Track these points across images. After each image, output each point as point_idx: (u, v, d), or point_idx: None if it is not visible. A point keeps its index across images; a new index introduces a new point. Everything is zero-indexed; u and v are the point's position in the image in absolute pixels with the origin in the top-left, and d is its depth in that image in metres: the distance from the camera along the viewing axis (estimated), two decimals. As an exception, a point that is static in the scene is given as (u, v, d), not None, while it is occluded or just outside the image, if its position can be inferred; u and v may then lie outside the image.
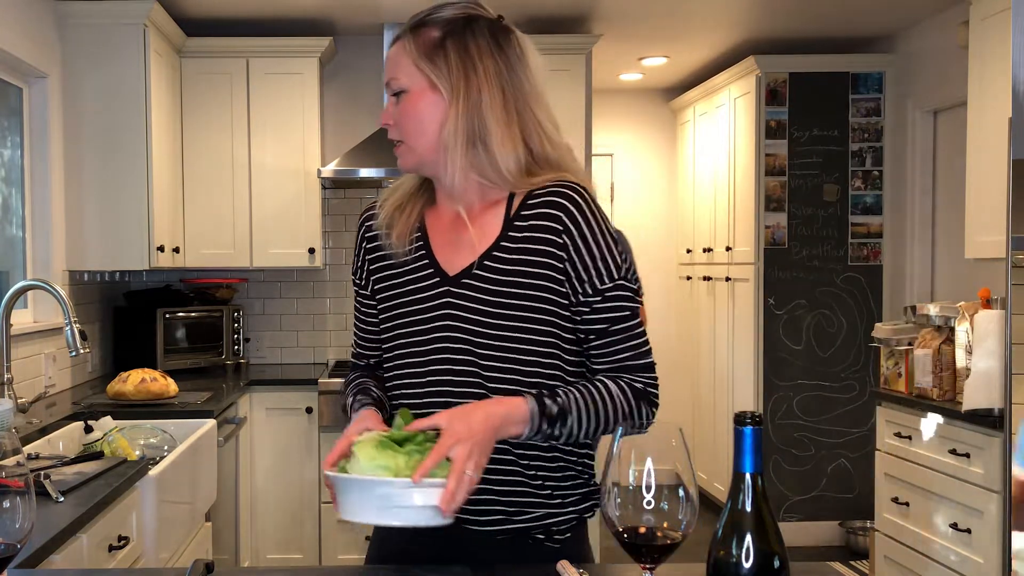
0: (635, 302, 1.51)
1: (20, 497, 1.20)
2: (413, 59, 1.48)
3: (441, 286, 1.50)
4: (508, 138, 1.47)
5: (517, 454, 1.48)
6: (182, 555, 2.89)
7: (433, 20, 1.50)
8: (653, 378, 1.53)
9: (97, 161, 3.92)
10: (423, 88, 1.48)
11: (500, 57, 1.50)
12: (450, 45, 1.48)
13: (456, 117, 1.46)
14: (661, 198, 6.50)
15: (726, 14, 4.63)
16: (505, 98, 1.48)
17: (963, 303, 3.57)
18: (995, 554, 3.20)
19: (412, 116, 1.49)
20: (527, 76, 1.52)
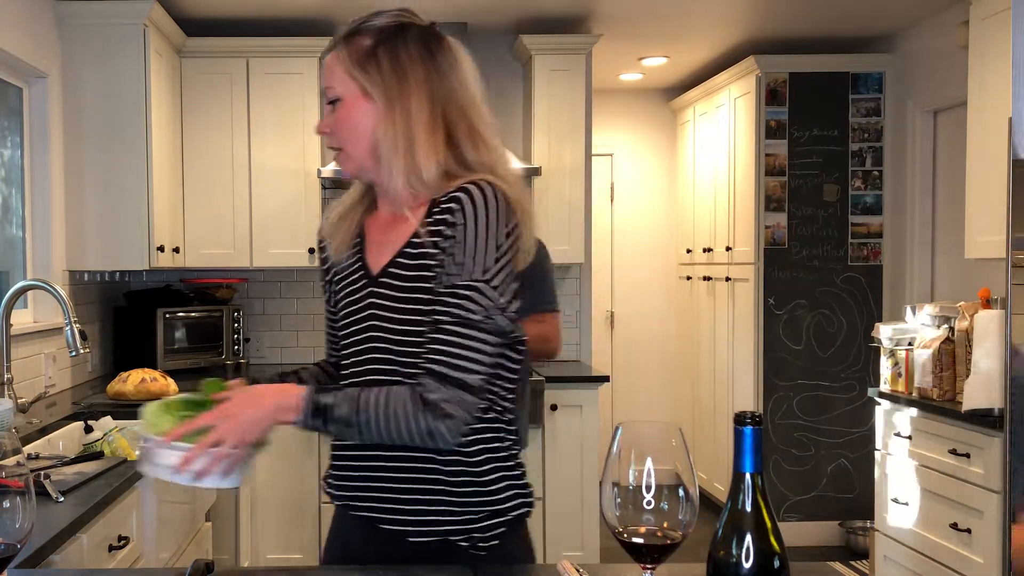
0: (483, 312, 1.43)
1: (20, 497, 1.20)
2: (346, 67, 1.51)
3: (367, 286, 1.54)
4: (431, 146, 1.49)
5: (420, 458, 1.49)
6: (182, 555, 2.89)
7: (365, 28, 1.53)
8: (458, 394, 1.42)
9: (97, 161, 3.91)
10: (356, 96, 1.51)
11: (431, 64, 1.52)
12: (382, 53, 1.50)
13: (387, 123, 1.49)
14: (661, 198, 6.50)
15: (726, 14, 4.63)
16: (433, 105, 1.50)
17: (963, 303, 3.57)
18: (995, 554, 3.20)
19: (347, 124, 1.52)
20: (459, 83, 1.53)
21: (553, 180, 4.62)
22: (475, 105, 1.54)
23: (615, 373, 6.11)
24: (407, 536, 1.50)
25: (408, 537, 1.50)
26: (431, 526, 1.49)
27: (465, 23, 4.63)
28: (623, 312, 6.55)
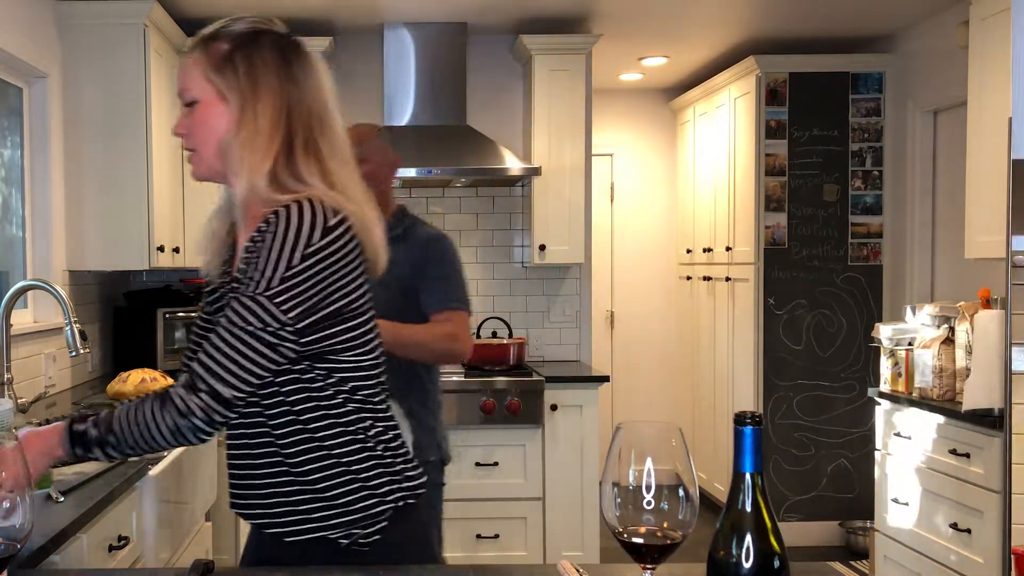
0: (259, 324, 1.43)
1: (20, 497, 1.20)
2: (203, 71, 1.53)
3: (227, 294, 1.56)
4: (267, 152, 1.50)
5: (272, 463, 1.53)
6: (182, 555, 2.89)
7: (223, 34, 1.55)
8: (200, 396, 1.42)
9: (97, 161, 3.91)
10: (213, 99, 1.53)
11: (285, 72, 1.53)
12: (238, 58, 1.52)
13: (235, 127, 1.50)
14: (661, 198, 6.50)
15: (726, 14, 4.63)
16: (280, 113, 1.51)
17: (963, 303, 3.57)
18: (995, 554, 3.20)
19: (202, 125, 1.53)
20: (311, 93, 1.55)
21: (553, 180, 4.62)
22: (324, 117, 1.55)
23: (615, 373, 6.11)
24: (284, 537, 1.54)
25: (285, 538, 1.54)
26: (303, 524, 1.53)
27: (465, 23, 4.63)
28: (623, 312, 6.55)
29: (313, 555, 1.53)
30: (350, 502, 1.53)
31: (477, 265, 4.96)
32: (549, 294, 4.97)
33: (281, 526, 1.54)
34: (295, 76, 1.54)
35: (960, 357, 3.52)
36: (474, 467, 4.24)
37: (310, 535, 1.53)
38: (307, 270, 1.43)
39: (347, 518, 1.53)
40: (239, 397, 1.45)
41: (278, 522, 1.54)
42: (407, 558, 1.56)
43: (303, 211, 1.44)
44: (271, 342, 1.44)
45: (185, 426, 1.43)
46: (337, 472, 1.52)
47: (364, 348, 1.54)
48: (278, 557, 1.55)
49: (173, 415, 1.42)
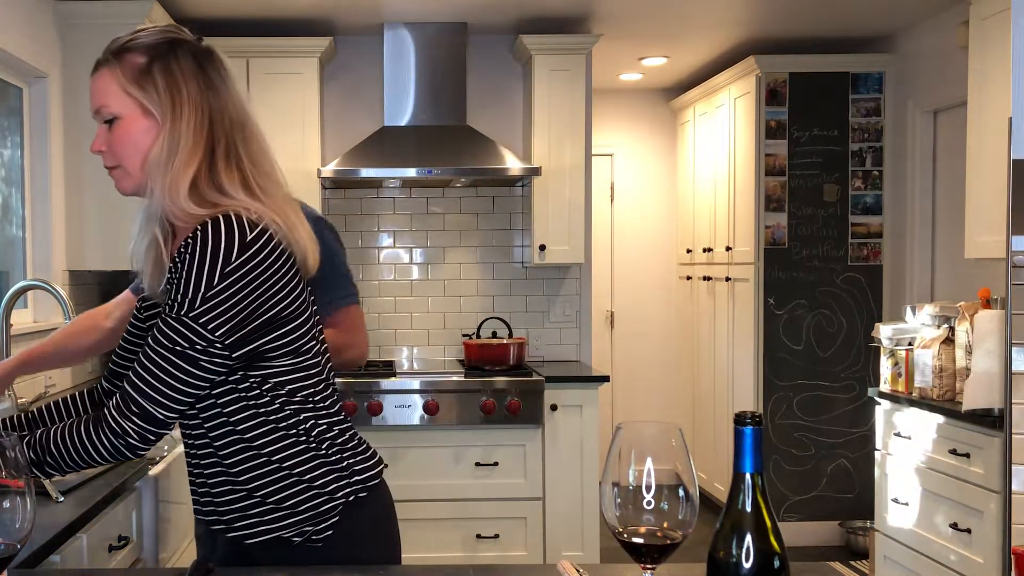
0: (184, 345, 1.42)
1: (20, 497, 1.20)
2: (122, 85, 1.50)
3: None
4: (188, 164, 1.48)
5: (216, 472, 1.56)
6: (182, 555, 2.89)
7: (136, 46, 1.52)
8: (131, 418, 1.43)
9: (97, 161, 3.89)
10: (136, 114, 1.51)
11: (203, 79, 1.52)
12: (156, 69, 1.50)
13: (162, 140, 1.49)
14: (661, 198, 6.50)
15: (726, 14, 4.63)
16: (202, 122, 1.50)
17: (963, 303, 3.57)
18: (995, 554, 3.20)
19: (127, 142, 1.51)
20: (231, 99, 1.54)
21: (553, 180, 4.62)
22: (245, 123, 1.55)
23: (615, 373, 6.11)
24: (245, 539, 1.56)
25: (246, 540, 1.56)
26: (257, 527, 1.55)
27: (465, 23, 4.63)
28: (623, 312, 6.55)
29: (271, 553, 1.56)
30: (296, 503, 1.54)
31: (477, 265, 4.96)
32: (549, 294, 4.97)
33: (239, 530, 1.56)
34: (214, 84, 1.53)
35: (960, 357, 3.52)
36: (474, 467, 4.24)
37: (266, 536, 1.55)
38: (228, 288, 1.42)
39: (295, 518, 1.54)
40: (172, 417, 1.46)
41: (235, 526, 1.57)
42: (364, 550, 1.58)
43: (219, 229, 1.43)
44: (200, 361, 1.43)
45: (122, 445, 1.44)
46: (280, 476, 1.53)
47: (303, 350, 1.53)
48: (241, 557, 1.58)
49: (109, 437, 1.43)
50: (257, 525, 1.55)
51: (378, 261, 4.96)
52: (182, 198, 1.48)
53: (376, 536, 1.62)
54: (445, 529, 4.22)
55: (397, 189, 4.92)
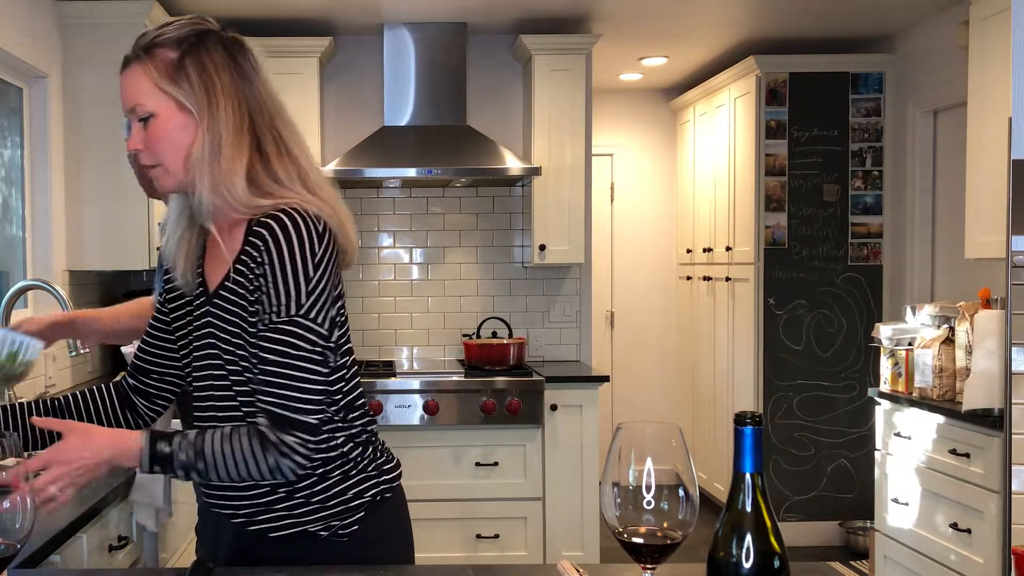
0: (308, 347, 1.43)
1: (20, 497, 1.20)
2: (155, 82, 1.49)
3: (206, 303, 1.55)
4: (237, 156, 1.48)
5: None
6: (182, 555, 2.89)
7: (165, 40, 1.50)
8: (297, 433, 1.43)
9: (97, 161, 3.91)
10: (171, 110, 1.49)
11: (235, 70, 1.51)
12: (188, 63, 1.49)
13: (200, 135, 1.47)
14: (661, 198, 6.50)
15: (726, 14, 4.63)
16: (241, 114, 1.49)
17: (963, 303, 3.57)
18: (995, 554, 3.20)
19: (164, 139, 1.49)
20: (264, 89, 1.53)
21: (553, 180, 4.62)
22: (280, 113, 1.54)
23: (615, 373, 6.11)
24: (268, 532, 1.54)
25: (269, 533, 1.54)
26: (283, 521, 1.54)
27: (465, 23, 4.63)
28: (623, 312, 6.55)
29: (293, 547, 1.55)
30: (326, 498, 1.54)
31: (477, 265, 4.96)
32: (549, 294, 4.97)
33: (262, 523, 1.55)
34: (247, 74, 1.52)
35: (960, 357, 3.52)
36: (474, 467, 4.24)
37: (292, 530, 1.54)
38: (320, 280, 1.44)
39: (324, 512, 1.54)
40: (321, 419, 1.46)
41: (257, 519, 1.55)
42: (385, 547, 1.59)
43: (297, 222, 1.43)
44: (326, 356, 1.45)
45: (286, 465, 1.43)
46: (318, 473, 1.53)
47: (344, 348, 1.56)
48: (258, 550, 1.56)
49: (275, 455, 1.43)
50: (284, 519, 1.54)
51: (378, 261, 4.96)
52: (240, 191, 1.47)
53: (396, 534, 1.63)
54: (445, 529, 4.22)
55: (397, 189, 4.92)
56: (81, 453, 1.39)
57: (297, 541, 1.55)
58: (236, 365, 1.50)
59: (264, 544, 1.55)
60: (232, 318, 1.49)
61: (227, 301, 1.50)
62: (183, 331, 1.60)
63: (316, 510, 1.54)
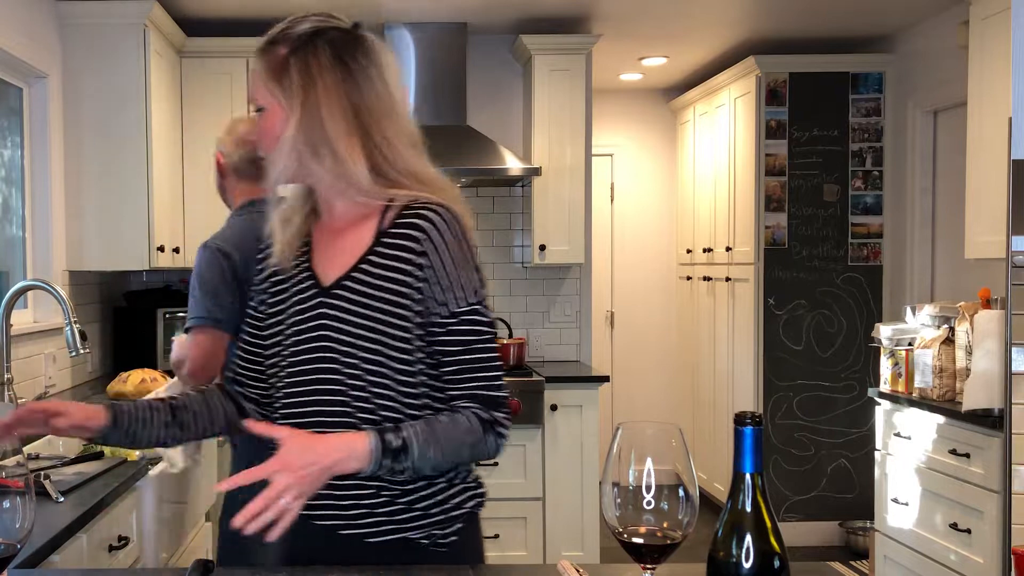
0: (492, 330, 1.51)
1: (20, 497, 1.20)
2: (264, 78, 1.53)
3: (317, 296, 1.53)
4: (352, 149, 1.49)
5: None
6: (182, 555, 2.89)
7: (282, 37, 1.55)
8: (503, 410, 1.51)
9: (97, 161, 3.92)
10: (275, 106, 1.52)
11: (342, 71, 1.52)
12: (292, 63, 1.52)
13: (302, 132, 1.49)
14: (661, 198, 6.50)
15: (726, 14, 4.63)
16: (345, 110, 1.50)
17: (963, 303, 3.57)
18: (995, 554, 3.20)
19: (269, 133, 1.53)
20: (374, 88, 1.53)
21: (553, 180, 4.62)
22: (393, 110, 1.54)
23: (615, 373, 6.11)
24: (366, 538, 1.51)
25: (367, 539, 1.51)
26: (385, 527, 1.51)
27: (465, 23, 4.63)
28: (623, 312, 6.55)
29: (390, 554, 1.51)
30: (431, 505, 1.52)
31: (477, 265, 4.96)
32: (549, 294, 4.97)
33: (360, 527, 1.51)
34: (353, 73, 1.52)
35: (960, 357, 3.52)
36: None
37: (390, 536, 1.51)
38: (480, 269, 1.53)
39: (427, 520, 1.52)
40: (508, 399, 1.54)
41: (356, 523, 1.51)
42: (475, 560, 1.58)
43: (453, 215, 1.50)
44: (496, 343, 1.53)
45: (501, 443, 1.50)
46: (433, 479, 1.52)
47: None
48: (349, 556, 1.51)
49: (493, 435, 1.49)
50: (384, 524, 1.50)
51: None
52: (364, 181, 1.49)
53: (481, 548, 1.62)
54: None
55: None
56: (308, 459, 1.35)
57: (395, 548, 1.51)
58: (353, 358, 1.47)
59: (359, 550, 1.51)
60: (362, 310, 1.48)
61: (356, 293, 1.48)
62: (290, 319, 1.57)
63: (418, 517, 1.51)
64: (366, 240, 1.51)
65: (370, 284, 1.48)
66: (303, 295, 1.54)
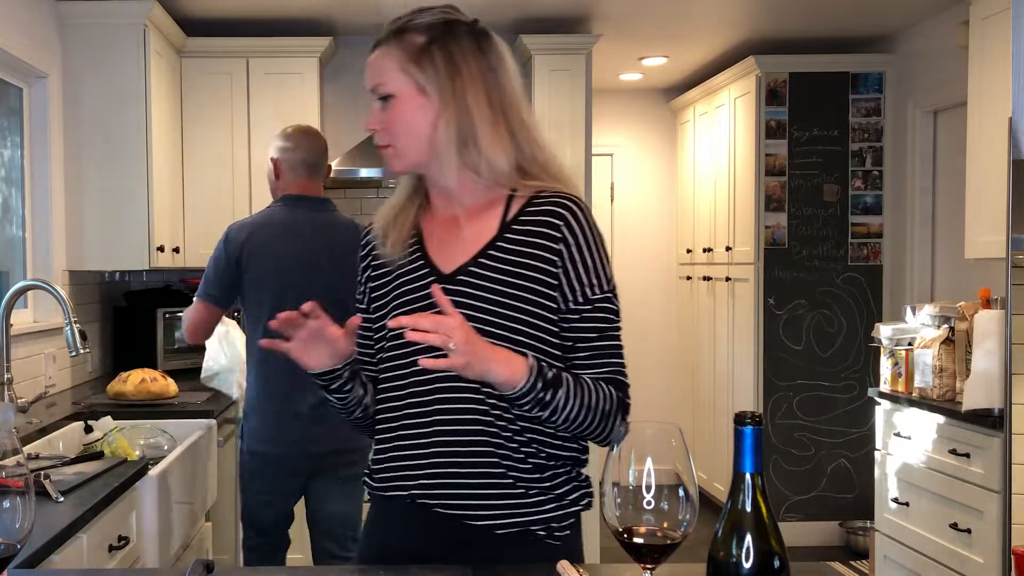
0: (617, 320, 1.54)
1: (20, 497, 1.20)
2: (400, 64, 1.52)
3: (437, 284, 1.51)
4: (497, 136, 1.51)
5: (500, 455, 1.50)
6: (182, 555, 2.89)
7: (415, 26, 1.54)
8: (629, 398, 1.55)
9: (97, 161, 3.92)
10: (412, 92, 1.51)
11: (483, 61, 1.53)
12: (435, 50, 1.51)
13: (446, 119, 1.50)
14: (661, 198, 6.50)
15: (726, 14, 4.63)
16: (491, 99, 1.52)
17: (963, 303, 3.57)
18: (995, 554, 3.20)
19: (402, 120, 1.52)
20: (508, 80, 1.55)
21: (553, 180, 4.61)
22: (524, 102, 1.57)
23: (615, 373, 6.10)
24: (495, 529, 1.51)
25: (496, 530, 1.51)
26: (514, 518, 1.51)
27: (465, 23, 4.63)
28: (623, 312, 6.50)
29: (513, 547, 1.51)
30: (553, 498, 1.53)
31: (477, 265, 4.96)
32: (549, 294, 4.96)
33: (489, 519, 1.50)
34: (492, 64, 1.54)
35: (960, 357, 3.52)
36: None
37: (515, 529, 1.51)
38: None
39: (548, 514, 1.52)
40: None
41: (485, 514, 1.50)
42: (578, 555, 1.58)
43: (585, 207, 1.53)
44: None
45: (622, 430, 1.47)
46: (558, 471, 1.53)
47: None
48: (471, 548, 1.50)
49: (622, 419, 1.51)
50: (511, 516, 1.50)
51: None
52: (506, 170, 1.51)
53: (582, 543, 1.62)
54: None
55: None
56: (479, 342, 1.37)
57: (517, 541, 1.51)
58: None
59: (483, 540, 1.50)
60: (490, 295, 1.48)
61: (483, 279, 1.49)
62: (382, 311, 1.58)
63: (541, 511, 1.52)
64: (490, 229, 1.52)
65: (499, 270, 1.49)
66: (419, 284, 1.54)
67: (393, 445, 1.56)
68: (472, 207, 1.54)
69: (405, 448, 1.54)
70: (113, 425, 2.99)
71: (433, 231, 1.58)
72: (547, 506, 1.52)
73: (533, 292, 1.49)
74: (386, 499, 1.58)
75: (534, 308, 1.49)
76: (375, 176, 4.39)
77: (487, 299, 1.49)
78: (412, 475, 1.53)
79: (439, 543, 1.52)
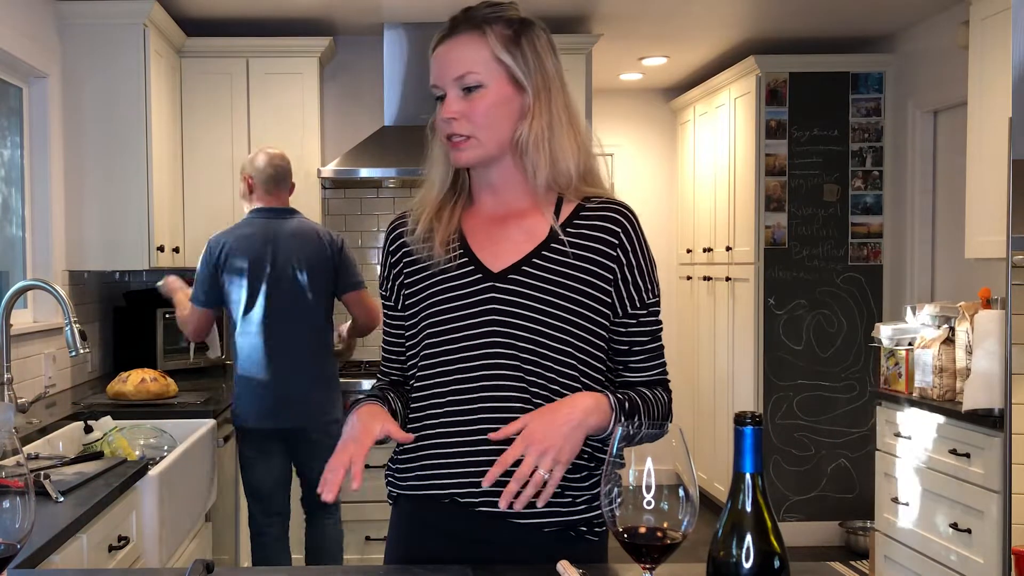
0: (660, 323, 1.60)
1: (20, 497, 1.20)
2: (494, 52, 1.47)
3: (485, 283, 1.50)
4: (569, 139, 1.50)
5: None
6: (182, 555, 2.89)
7: (498, 17, 1.49)
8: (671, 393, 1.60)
9: (97, 161, 3.91)
10: (502, 83, 1.47)
11: (558, 61, 1.53)
12: (525, 43, 1.48)
13: (534, 115, 1.47)
14: (661, 198, 6.50)
15: (726, 14, 4.63)
16: (566, 101, 1.51)
17: (963, 303, 3.57)
18: (995, 554, 3.20)
19: (487, 111, 1.47)
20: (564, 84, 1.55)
21: (553, 180, 4.61)
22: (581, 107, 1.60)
23: (615, 373, 6.10)
24: (543, 528, 1.50)
25: (544, 528, 1.50)
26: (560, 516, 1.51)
27: (465, 23, 4.63)
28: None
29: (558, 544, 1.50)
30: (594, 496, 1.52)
31: (477, 265, 4.95)
32: (549, 294, 4.96)
33: (537, 516, 1.48)
34: (560, 65, 1.53)
35: (960, 357, 3.52)
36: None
37: (560, 527, 1.51)
38: None
39: (589, 512, 1.53)
40: None
41: (538, 511, 1.46)
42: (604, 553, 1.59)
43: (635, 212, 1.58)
44: None
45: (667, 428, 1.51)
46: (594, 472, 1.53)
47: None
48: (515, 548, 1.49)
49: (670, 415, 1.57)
50: (557, 514, 1.49)
51: (378, 261, 4.96)
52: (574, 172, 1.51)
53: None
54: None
55: (397, 189, 4.91)
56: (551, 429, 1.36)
57: (562, 537, 1.52)
58: (531, 343, 1.46)
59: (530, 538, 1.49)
60: (542, 296, 1.47)
61: (535, 279, 1.48)
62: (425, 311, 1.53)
63: (582, 509, 1.52)
64: (542, 230, 1.51)
65: (554, 271, 1.49)
66: (466, 283, 1.50)
67: (430, 443, 1.52)
68: (523, 207, 1.53)
69: (444, 447, 1.50)
70: (113, 425, 2.99)
71: (476, 230, 1.54)
72: (592, 503, 1.52)
73: (586, 295, 1.49)
74: (417, 499, 1.54)
75: (586, 311, 1.49)
76: (374, 176, 4.39)
77: (540, 299, 1.47)
78: (452, 474, 1.50)
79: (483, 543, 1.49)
